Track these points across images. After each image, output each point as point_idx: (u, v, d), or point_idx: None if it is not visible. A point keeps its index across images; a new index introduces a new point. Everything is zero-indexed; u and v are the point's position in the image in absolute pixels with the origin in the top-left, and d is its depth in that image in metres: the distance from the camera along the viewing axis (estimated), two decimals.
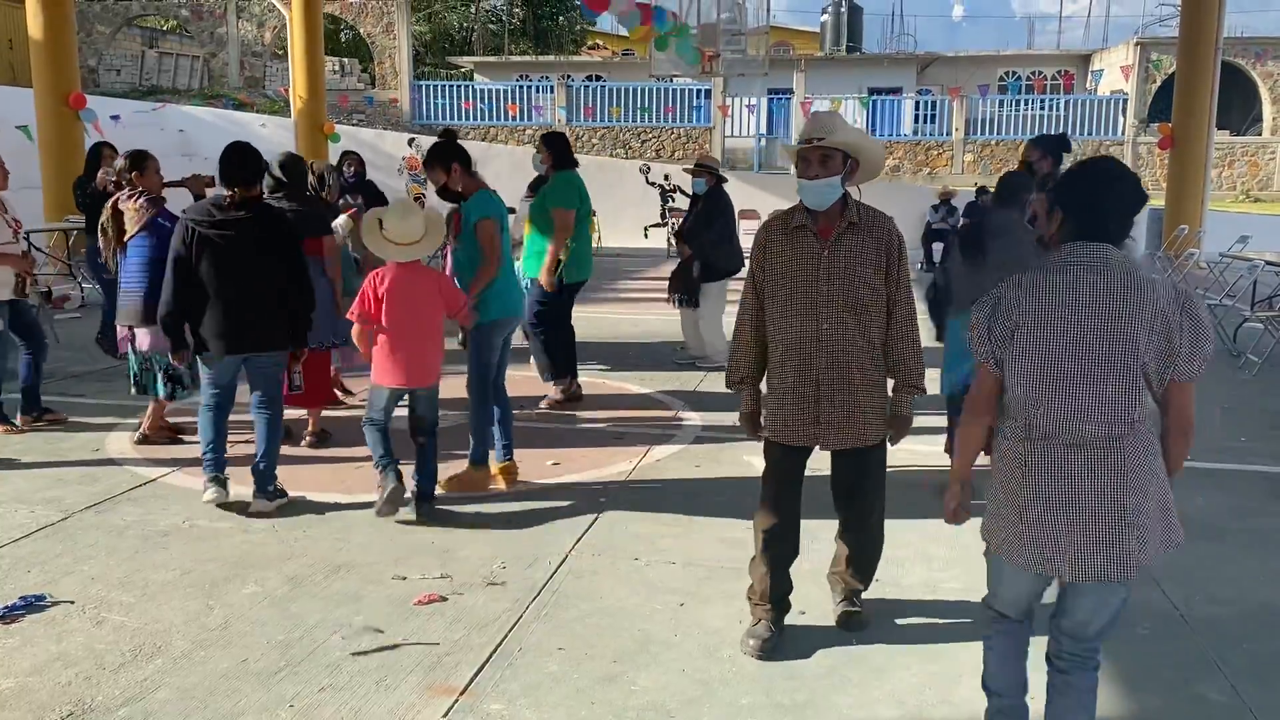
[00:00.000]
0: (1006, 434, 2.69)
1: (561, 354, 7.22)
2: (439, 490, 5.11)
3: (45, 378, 6.84)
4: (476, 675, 3.46)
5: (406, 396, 4.92)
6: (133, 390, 6.16)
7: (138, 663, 3.52)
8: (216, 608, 3.96)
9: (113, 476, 5.56)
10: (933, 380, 4.26)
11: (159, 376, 6.03)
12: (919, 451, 5.54)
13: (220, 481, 5.02)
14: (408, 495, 4.94)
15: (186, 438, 6.18)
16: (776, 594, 3.75)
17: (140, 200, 6.02)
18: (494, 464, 5.43)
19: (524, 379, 7.35)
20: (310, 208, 6.12)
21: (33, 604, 3.95)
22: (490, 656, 3.59)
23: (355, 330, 4.88)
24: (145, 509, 5.06)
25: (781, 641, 3.70)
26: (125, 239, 5.98)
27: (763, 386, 3.75)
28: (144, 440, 6.18)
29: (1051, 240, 2.70)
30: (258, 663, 3.53)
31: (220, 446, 5.08)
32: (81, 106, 12.95)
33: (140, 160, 6.19)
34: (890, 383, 3.68)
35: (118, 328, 6.14)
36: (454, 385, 5.79)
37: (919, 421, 3.88)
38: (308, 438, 6.19)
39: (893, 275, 3.57)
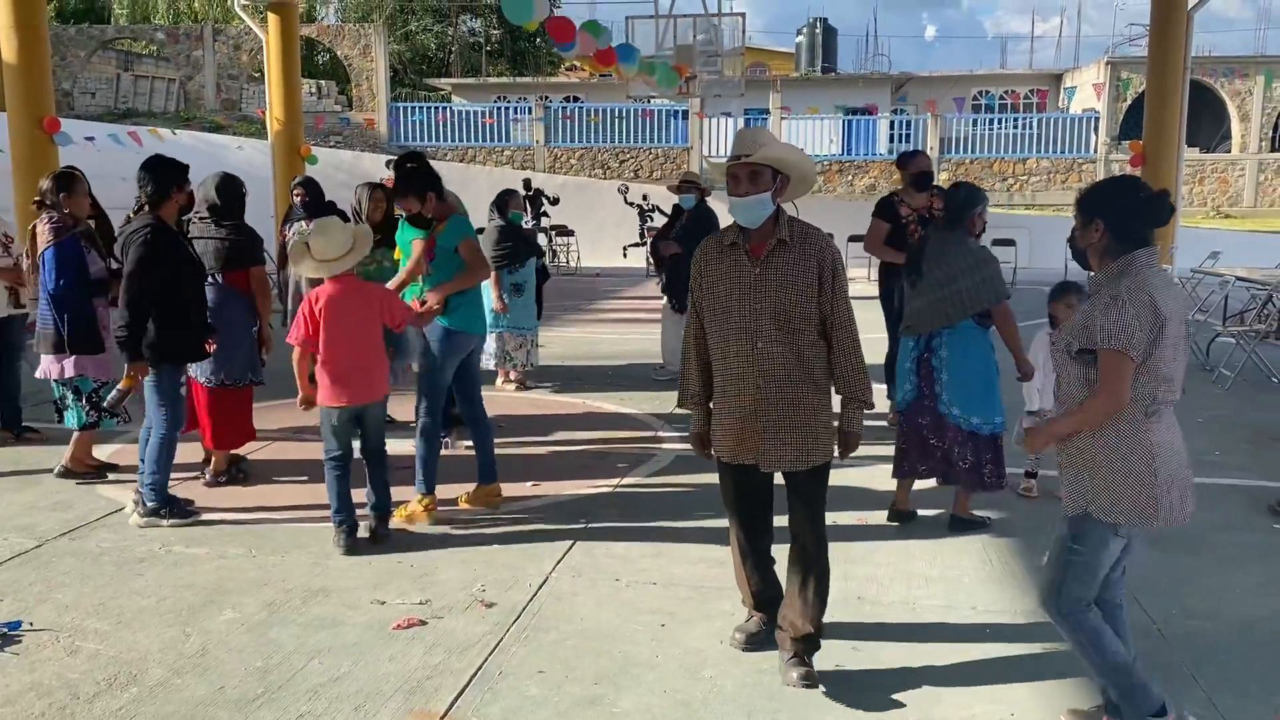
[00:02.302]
0: (1126, 416, 2.99)
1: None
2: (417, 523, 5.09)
3: (24, 402, 6.77)
4: (456, 700, 3.44)
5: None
6: (55, 418, 5.97)
7: (113, 692, 3.48)
8: (193, 634, 3.92)
9: (87, 503, 5.50)
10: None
11: (78, 405, 5.78)
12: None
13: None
14: (361, 515, 4.91)
15: (113, 475, 5.93)
16: (761, 599, 3.82)
17: (44, 225, 5.72)
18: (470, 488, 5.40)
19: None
20: (241, 236, 5.62)
21: (6, 633, 3.90)
22: (470, 680, 3.57)
23: (295, 354, 4.81)
24: (121, 535, 5.01)
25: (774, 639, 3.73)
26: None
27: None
28: (65, 474, 5.84)
29: (1091, 249, 3.06)
30: (235, 690, 3.50)
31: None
32: (56, 130, 12.86)
33: (67, 181, 5.78)
34: (837, 400, 3.61)
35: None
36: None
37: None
38: (207, 475, 5.77)
39: (826, 293, 3.48)
